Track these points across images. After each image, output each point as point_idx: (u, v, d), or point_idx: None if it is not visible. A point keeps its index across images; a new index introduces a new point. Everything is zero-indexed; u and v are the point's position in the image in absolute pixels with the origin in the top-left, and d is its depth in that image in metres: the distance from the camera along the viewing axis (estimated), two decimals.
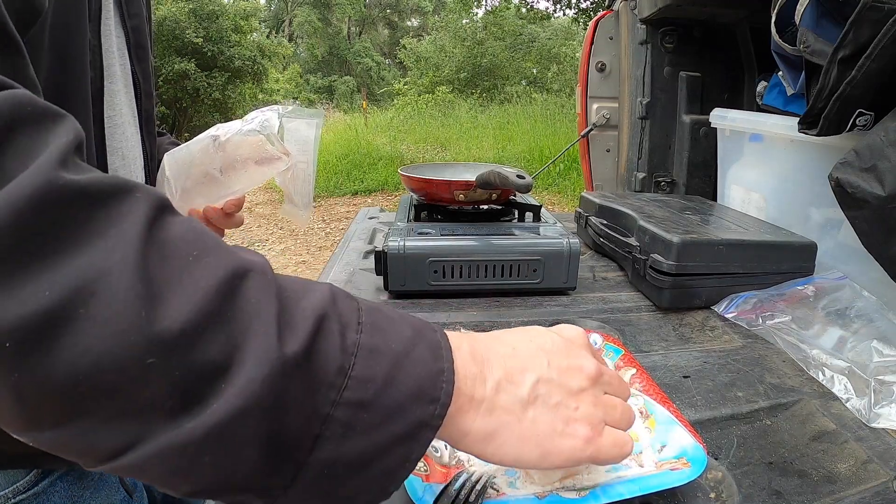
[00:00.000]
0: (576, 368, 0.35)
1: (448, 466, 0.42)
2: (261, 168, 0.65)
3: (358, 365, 0.27)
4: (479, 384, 0.32)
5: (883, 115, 0.66)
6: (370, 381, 0.27)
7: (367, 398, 0.27)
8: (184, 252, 0.25)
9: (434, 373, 0.29)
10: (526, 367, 0.34)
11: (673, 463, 0.44)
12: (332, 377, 0.26)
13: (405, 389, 0.28)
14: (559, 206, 5.34)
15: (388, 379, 0.27)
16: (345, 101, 18.05)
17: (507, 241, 0.82)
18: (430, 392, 0.29)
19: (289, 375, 0.25)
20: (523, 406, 0.33)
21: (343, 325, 0.28)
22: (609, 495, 0.40)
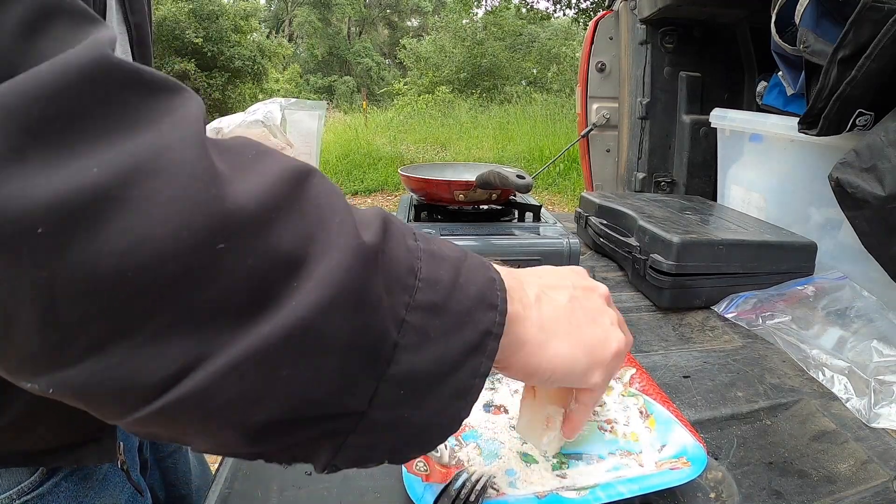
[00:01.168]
0: (593, 288, 0.38)
1: (448, 466, 0.42)
2: None
3: (425, 267, 0.25)
4: (523, 294, 0.32)
5: (883, 115, 0.66)
6: (438, 283, 0.25)
7: (439, 301, 0.25)
8: (242, 150, 0.23)
9: (489, 280, 0.28)
10: (557, 285, 0.35)
11: (673, 462, 0.44)
12: (404, 276, 0.24)
13: (471, 294, 0.26)
14: (559, 206, 5.34)
15: (453, 282, 0.26)
16: (345, 101, 18.04)
17: (507, 241, 0.82)
18: (490, 298, 0.27)
19: (371, 267, 0.23)
20: (568, 313, 0.34)
21: (402, 232, 0.26)
22: (609, 494, 0.40)
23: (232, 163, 0.21)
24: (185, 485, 0.72)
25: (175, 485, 0.73)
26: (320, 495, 0.42)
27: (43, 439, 0.45)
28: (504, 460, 0.44)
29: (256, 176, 0.21)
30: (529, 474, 0.43)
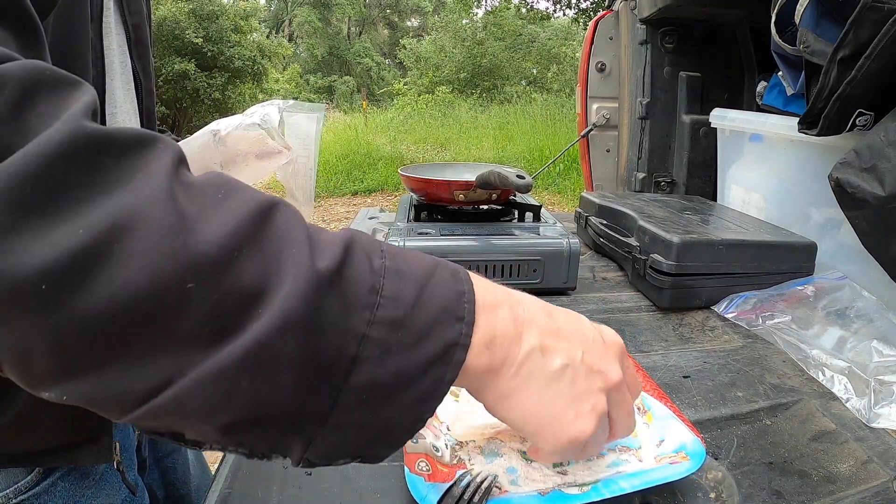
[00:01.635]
0: (603, 372, 0.35)
1: (450, 466, 0.42)
2: (261, 163, 0.64)
3: (387, 285, 0.27)
4: (514, 346, 0.32)
5: (883, 115, 0.66)
6: (400, 299, 0.27)
7: (400, 317, 0.27)
8: (211, 192, 0.26)
9: (456, 293, 0.29)
10: (560, 349, 0.34)
11: (672, 457, 0.45)
12: (364, 297, 0.26)
13: (433, 309, 0.28)
14: (559, 206, 5.34)
15: (416, 298, 0.28)
16: (345, 101, 18.04)
17: (507, 241, 0.82)
18: (455, 311, 0.29)
19: (324, 291, 0.25)
20: (547, 381, 0.33)
21: (368, 252, 0.28)
22: (611, 490, 0.40)
23: (201, 205, 0.25)
24: (185, 484, 0.72)
25: (174, 484, 0.73)
26: (321, 495, 0.42)
27: (42, 439, 0.45)
28: (505, 458, 0.44)
29: (222, 217, 0.25)
30: (531, 472, 0.43)
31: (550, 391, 0.33)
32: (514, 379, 0.32)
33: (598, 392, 0.35)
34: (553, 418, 0.33)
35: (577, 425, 0.34)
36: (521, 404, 0.33)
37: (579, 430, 0.34)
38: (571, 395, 0.34)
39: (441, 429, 0.46)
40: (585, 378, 0.34)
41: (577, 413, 0.34)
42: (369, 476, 0.45)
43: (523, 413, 0.33)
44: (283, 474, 0.45)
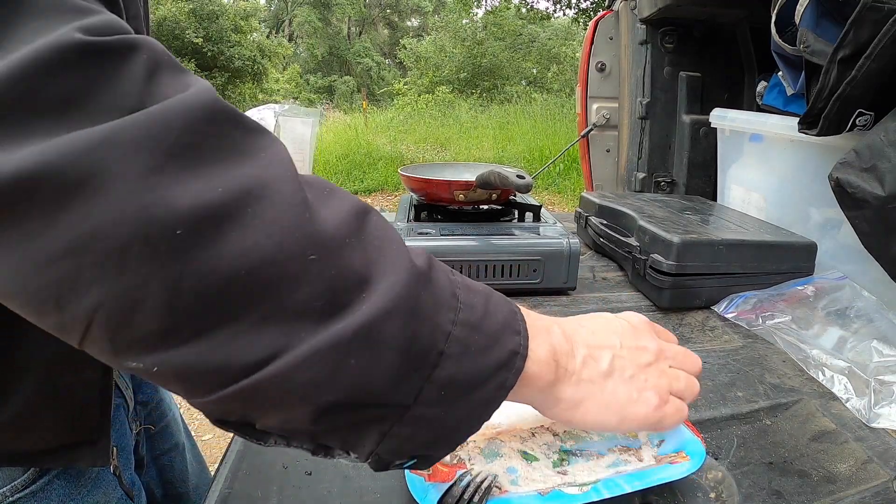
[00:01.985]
0: (642, 348, 0.40)
1: (450, 466, 0.42)
2: None
3: (462, 294, 0.30)
4: (571, 359, 0.36)
5: (883, 115, 0.66)
6: (474, 307, 0.30)
7: (476, 321, 0.29)
8: (320, 186, 0.28)
9: (511, 312, 0.33)
10: (603, 345, 0.39)
11: (672, 457, 0.45)
12: (448, 299, 0.29)
13: (499, 319, 0.31)
14: (559, 206, 5.34)
15: (485, 309, 0.31)
16: (345, 101, 18.03)
17: (507, 241, 0.82)
18: (513, 325, 0.32)
19: (422, 285, 0.28)
20: (604, 378, 0.37)
21: (443, 266, 0.31)
22: (611, 490, 0.40)
23: (315, 195, 0.27)
24: (183, 483, 0.72)
25: (172, 482, 0.73)
26: (321, 495, 0.42)
27: (42, 439, 0.45)
28: (505, 458, 0.44)
29: (334, 207, 0.27)
30: (531, 472, 0.43)
31: (610, 386, 0.37)
32: (578, 387, 0.36)
33: (646, 367, 0.39)
34: (622, 406, 0.37)
35: (645, 402, 0.38)
36: (593, 408, 0.37)
37: (647, 406, 0.38)
38: (627, 380, 0.38)
39: None
40: (631, 361, 0.39)
41: (640, 391, 0.38)
42: (369, 476, 0.45)
43: (597, 414, 0.37)
44: (282, 474, 0.44)
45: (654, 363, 0.40)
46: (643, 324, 0.43)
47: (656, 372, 0.40)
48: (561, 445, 0.47)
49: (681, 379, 0.41)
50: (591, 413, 0.37)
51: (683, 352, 0.44)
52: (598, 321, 0.41)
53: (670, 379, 0.40)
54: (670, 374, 0.41)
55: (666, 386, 0.40)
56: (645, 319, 0.44)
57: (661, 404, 0.39)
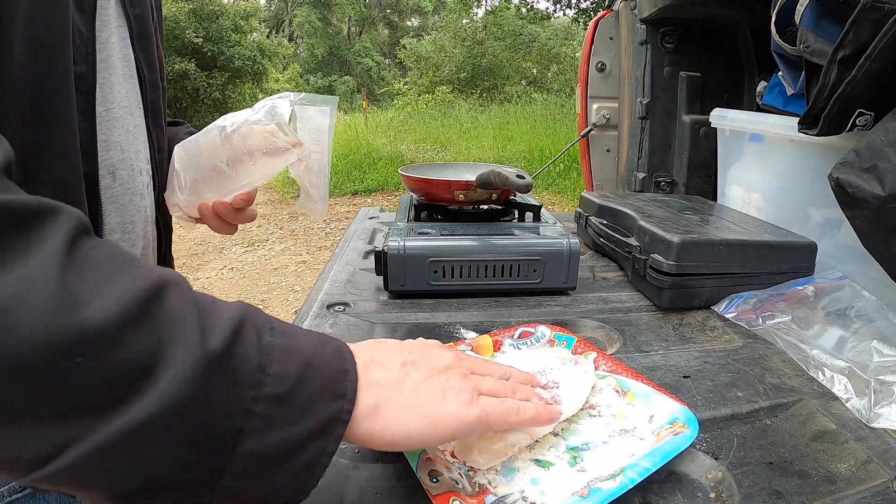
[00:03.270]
0: (435, 355, 0.40)
1: (476, 495, 0.41)
2: (271, 160, 0.61)
3: (274, 363, 0.29)
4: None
5: (883, 115, 0.66)
6: (285, 378, 0.29)
7: (283, 393, 0.29)
8: (105, 267, 0.27)
9: (339, 372, 0.32)
10: (389, 354, 0.38)
11: (670, 429, 0.46)
12: (251, 374, 0.28)
13: (315, 386, 0.30)
14: (559, 206, 5.34)
15: (300, 377, 0.30)
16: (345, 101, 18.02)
17: (507, 241, 0.82)
18: (337, 389, 0.31)
19: (213, 372, 0.27)
20: (398, 379, 0.36)
21: (259, 329, 0.30)
22: (639, 473, 0.41)
23: (93, 283, 0.26)
24: None
25: None
26: (321, 495, 0.42)
27: None
28: (522, 472, 0.44)
29: (112, 294, 0.26)
30: (553, 477, 0.43)
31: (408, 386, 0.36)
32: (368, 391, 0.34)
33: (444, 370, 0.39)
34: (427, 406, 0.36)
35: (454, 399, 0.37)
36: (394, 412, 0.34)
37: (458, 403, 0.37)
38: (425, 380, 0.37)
39: (446, 458, 0.45)
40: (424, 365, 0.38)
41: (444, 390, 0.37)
42: (369, 476, 0.45)
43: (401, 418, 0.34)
44: None
45: (452, 367, 0.39)
46: (434, 343, 0.43)
47: (457, 374, 0.39)
48: (566, 444, 0.47)
49: (487, 381, 0.41)
50: (393, 418, 0.34)
51: (484, 362, 0.44)
52: (381, 342, 0.41)
53: (475, 381, 0.39)
54: (474, 377, 0.40)
55: (472, 386, 0.38)
56: (436, 342, 0.44)
57: (473, 400, 0.37)
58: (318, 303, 0.79)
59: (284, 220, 5.21)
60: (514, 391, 0.42)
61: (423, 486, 0.40)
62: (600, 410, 0.51)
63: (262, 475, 0.29)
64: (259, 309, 0.32)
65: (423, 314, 0.77)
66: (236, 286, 3.51)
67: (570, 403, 0.49)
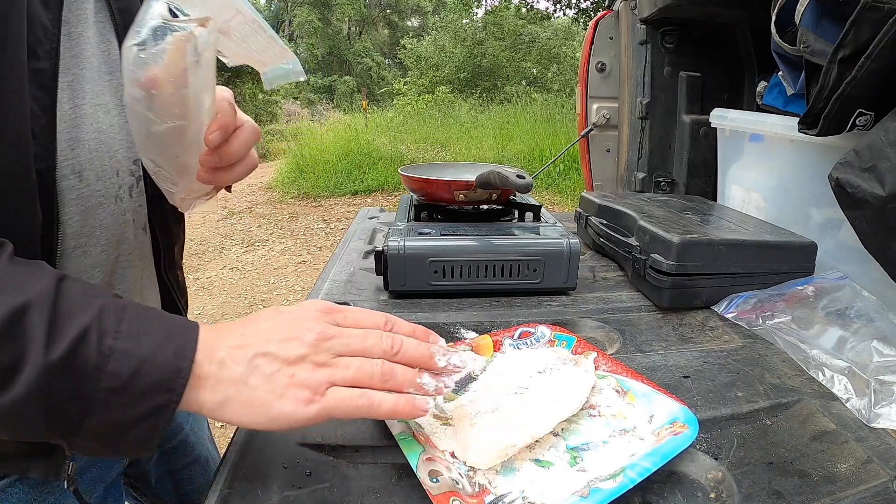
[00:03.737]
0: (293, 339, 0.40)
1: (475, 495, 0.41)
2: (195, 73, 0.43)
3: (111, 364, 0.36)
4: (205, 365, 0.39)
5: (883, 115, 0.66)
6: (118, 375, 0.36)
7: (118, 386, 0.36)
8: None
9: (172, 371, 0.37)
10: (245, 344, 0.40)
11: (670, 429, 0.46)
12: (91, 372, 0.35)
13: (148, 381, 0.36)
14: (559, 206, 5.34)
15: (133, 374, 0.36)
16: (345, 101, 18.02)
17: (507, 241, 0.82)
18: (168, 385, 0.37)
19: (54, 375, 0.35)
20: (243, 378, 0.39)
21: (102, 333, 0.36)
22: (639, 472, 0.41)
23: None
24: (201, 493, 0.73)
25: (189, 495, 0.74)
26: (321, 495, 0.42)
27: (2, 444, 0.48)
28: (522, 471, 0.44)
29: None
30: (552, 476, 0.43)
31: (251, 383, 0.39)
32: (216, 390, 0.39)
33: (295, 362, 0.40)
34: (264, 405, 0.39)
35: (291, 398, 0.39)
36: (237, 408, 0.39)
37: (294, 402, 0.39)
38: (268, 377, 0.39)
39: (446, 458, 0.45)
40: (276, 357, 0.40)
41: (284, 387, 0.39)
42: (369, 476, 0.45)
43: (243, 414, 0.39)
44: (283, 474, 0.45)
45: (307, 356, 0.40)
46: (312, 311, 0.43)
47: (308, 366, 0.40)
48: (566, 444, 0.47)
49: (351, 367, 0.41)
50: (236, 413, 0.39)
51: (365, 336, 0.42)
52: (259, 319, 0.43)
53: (332, 369, 0.40)
54: (334, 363, 0.40)
55: (323, 378, 0.40)
56: (317, 304, 0.44)
57: (313, 398, 0.39)
58: None
59: (284, 220, 5.21)
60: (385, 378, 0.41)
61: (423, 486, 0.41)
62: (600, 410, 0.51)
63: (107, 440, 0.37)
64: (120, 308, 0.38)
65: (423, 314, 0.77)
66: (236, 286, 3.51)
67: (570, 403, 0.49)
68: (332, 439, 0.49)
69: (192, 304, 3.16)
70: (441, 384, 0.44)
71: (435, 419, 0.50)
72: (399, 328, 0.46)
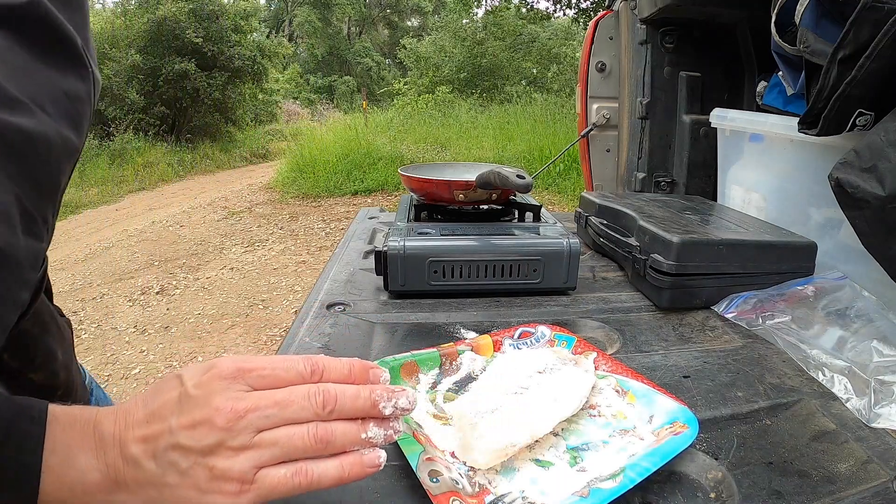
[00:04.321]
0: (201, 423, 0.33)
1: (475, 495, 0.41)
2: None
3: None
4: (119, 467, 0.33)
5: (883, 115, 0.66)
6: None
7: None
8: None
9: (20, 467, 0.31)
10: (154, 436, 0.33)
11: (670, 428, 0.46)
12: None
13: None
14: (559, 206, 5.34)
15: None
16: (345, 101, 18.04)
17: (507, 241, 0.82)
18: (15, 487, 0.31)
19: None
20: (161, 478, 0.33)
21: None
22: (639, 472, 0.41)
23: None
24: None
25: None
26: (321, 495, 0.42)
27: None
28: (522, 471, 0.44)
29: None
30: (553, 477, 0.43)
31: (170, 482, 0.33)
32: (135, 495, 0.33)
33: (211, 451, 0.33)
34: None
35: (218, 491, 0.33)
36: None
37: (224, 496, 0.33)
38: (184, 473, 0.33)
39: (446, 458, 0.45)
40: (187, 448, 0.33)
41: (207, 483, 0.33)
42: (369, 476, 0.45)
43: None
44: None
45: (223, 442, 0.33)
46: (217, 380, 0.34)
47: (226, 453, 0.33)
48: (566, 444, 0.47)
49: (277, 443, 0.33)
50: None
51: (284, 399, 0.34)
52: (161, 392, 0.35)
53: (256, 451, 0.33)
54: (258, 443, 0.33)
55: (247, 465, 0.33)
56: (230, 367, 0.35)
57: (241, 487, 0.33)
58: (318, 303, 0.79)
59: (284, 220, 5.21)
60: (322, 445, 0.34)
61: (423, 486, 0.40)
62: (600, 410, 0.51)
63: None
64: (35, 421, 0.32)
65: (422, 314, 0.77)
66: (236, 286, 3.51)
67: (570, 403, 0.49)
68: None
69: (193, 305, 3.17)
70: (390, 431, 0.37)
71: (435, 419, 0.50)
72: (330, 373, 0.37)
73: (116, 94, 8.26)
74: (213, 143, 9.65)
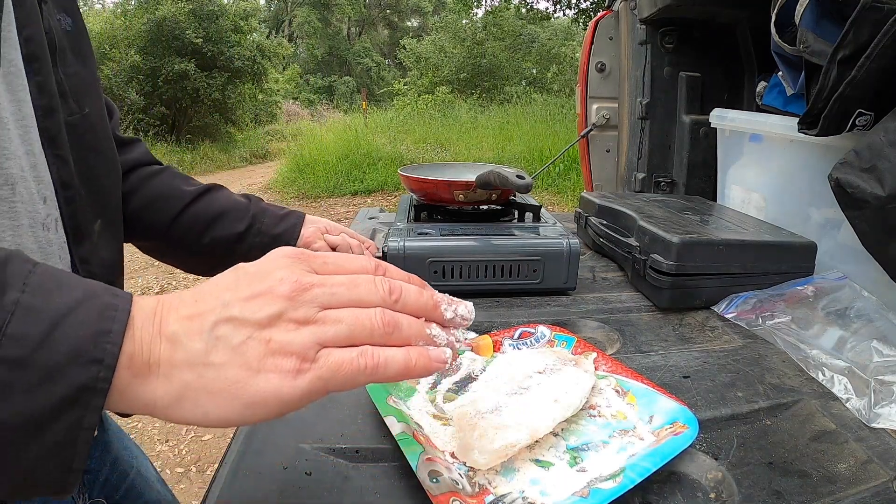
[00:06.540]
0: (262, 294, 0.30)
1: (475, 495, 0.41)
2: None
3: (14, 323, 0.26)
4: (155, 346, 0.29)
5: (883, 115, 0.66)
6: (25, 338, 0.26)
7: (24, 356, 0.25)
8: None
9: (95, 333, 0.27)
10: (201, 313, 0.30)
11: (670, 429, 0.46)
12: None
13: (63, 350, 0.26)
14: (559, 206, 5.34)
15: (45, 337, 0.26)
16: (345, 101, 18.05)
17: (507, 242, 0.82)
18: (90, 353, 0.27)
19: None
20: (204, 357, 0.29)
21: (6, 284, 0.27)
22: (639, 473, 0.41)
23: None
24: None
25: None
26: (321, 495, 0.42)
27: None
28: (522, 472, 0.44)
29: None
30: (552, 477, 0.43)
31: (215, 361, 0.29)
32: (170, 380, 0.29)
33: (268, 324, 0.30)
34: (236, 388, 0.29)
35: (272, 370, 0.29)
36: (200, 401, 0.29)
37: (278, 374, 0.29)
38: (236, 348, 0.29)
39: (446, 458, 0.45)
40: (244, 321, 0.29)
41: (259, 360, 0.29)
42: (369, 476, 0.45)
43: (209, 408, 0.29)
44: (283, 475, 0.45)
45: (284, 312, 0.30)
46: (280, 258, 0.32)
47: (288, 325, 0.30)
48: (566, 444, 0.47)
49: (343, 320, 0.31)
50: (200, 406, 0.29)
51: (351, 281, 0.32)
52: (218, 278, 0.32)
53: (320, 326, 0.30)
54: (320, 318, 0.30)
55: (310, 338, 0.30)
56: (294, 251, 0.33)
57: (301, 366, 0.29)
58: None
59: None
60: (388, 330, 0.32)
61: (423, 487, 0.41)
62: (600, 410, 0.51)
63: (11, 450, 0.25)
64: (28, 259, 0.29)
65: None
66: None
67: (570, 403, 0.49)
68: (332, 440, 0.49)
69: None
70: (452, 338, 0.35)
71: (435, 419, 0.50)
72: (392, 273, 0.36)
73: (116, 94, 8.27)
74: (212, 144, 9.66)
